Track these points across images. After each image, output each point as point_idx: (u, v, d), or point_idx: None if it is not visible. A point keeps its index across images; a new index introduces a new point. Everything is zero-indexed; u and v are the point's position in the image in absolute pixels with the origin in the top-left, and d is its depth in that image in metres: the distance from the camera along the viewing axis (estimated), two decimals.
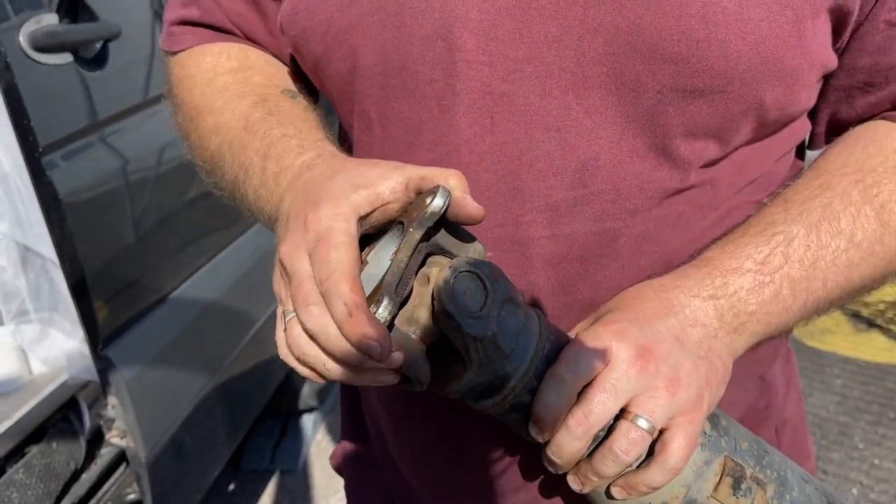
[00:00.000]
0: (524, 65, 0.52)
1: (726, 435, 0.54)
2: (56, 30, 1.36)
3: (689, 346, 0.51)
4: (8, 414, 1.30)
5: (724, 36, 0.50)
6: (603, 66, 0.52)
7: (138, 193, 1.55)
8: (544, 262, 0.56)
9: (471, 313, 0.46)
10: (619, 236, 0.55)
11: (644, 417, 0.48)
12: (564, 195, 0.54)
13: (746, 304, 0.53)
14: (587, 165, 0.54)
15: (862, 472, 2.17)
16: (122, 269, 1.49)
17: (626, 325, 0.50)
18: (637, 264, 0.56)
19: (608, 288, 0.56)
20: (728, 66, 0.51)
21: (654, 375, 0.49)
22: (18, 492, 1.27)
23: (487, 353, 0.47)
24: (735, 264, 0.53)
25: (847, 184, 0.57)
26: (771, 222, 0.55)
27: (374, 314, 0.43)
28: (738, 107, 0.53)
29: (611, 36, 0.51)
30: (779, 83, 0.53)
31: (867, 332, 2.82)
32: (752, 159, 0.58)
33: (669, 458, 0.49)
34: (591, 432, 0.49)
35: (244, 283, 1.89)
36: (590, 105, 0.53)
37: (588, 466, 0.50)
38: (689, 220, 0.57)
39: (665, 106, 0.52)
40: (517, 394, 0.49)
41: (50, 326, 1.41)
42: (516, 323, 0.49)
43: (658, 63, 0.51)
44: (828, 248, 0.54)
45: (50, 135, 1.32)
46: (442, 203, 0.46)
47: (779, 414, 0.70)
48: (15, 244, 1.34)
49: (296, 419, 2.54)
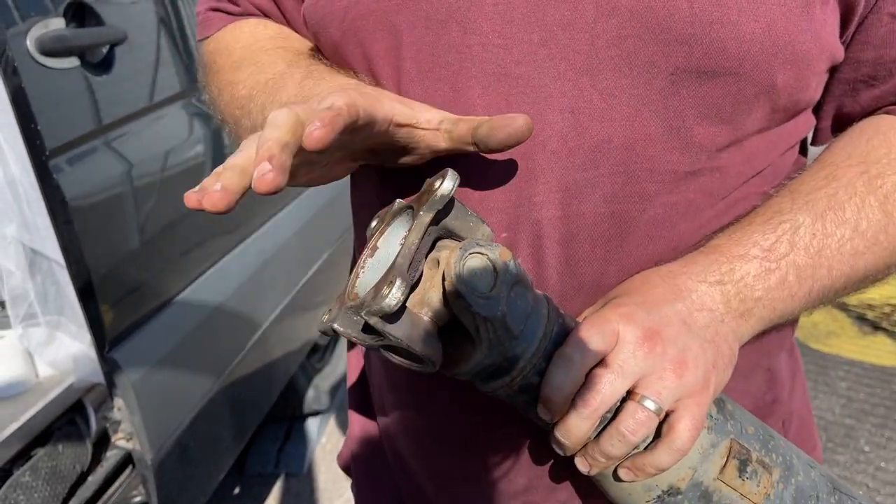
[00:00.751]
0: (539, 48, 0.53)
1: (732, 419, 0.54)
2: (63, 34, 1.37)
3: (696, 329, 0.52)
4: (14, 416, 1.31)
5: (737, 17, 0.51)
6: (616, 49, 0.52)
7: (144, 197, 1.56)
8: (555, 242, 0.56)
9: (481, 294, 0.47)
10: (629, 220, 0.56)
11: (651, 398, 0.49)
12: (577, 176, 0.55)
13: (753, 290, 0.54)
14: (600, 147, 0.54)
15: (868, 475, 2.17)
16: (128, 272, 1.50)
17: (634, 308, 0.51)
18: (646, 249, 0.57)
19: (616, 271, 0.57)
20: (740, 47, 0.51)
21: (661, 357, 0.50)
22: (25, 494, 1.28)
23: (497, 334, 0.48)
24: (742, 251, 0.54)
25: (852, 175, 0.57)
26: (777, 211, 0.56)
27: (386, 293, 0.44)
28: (750, 89, 0.54)
29: (625, 18, 0.52)
30: (790, 66, 0.53)
31: (872, 334, 2.82)
32: (760, 150, 0.59)
33: (676, 439, 0.49)
34: (598, 413, 0.49)
35: (249, 286, 1.89)
36: (603, 87, 0.53)
37: (595, 447, 0.51)
38: (698, 208, 0.57)
39: (678, 88, 0.53)
40: (526, 375, 0.50)
41: (57, 330, 1.42)
42: (525, 305, 0.49)
43: (671, 45, 0.52)
44: (833, 236, 0.55)
45: (57, 138, 1.33)
46: (451, 186, 0.46)
47: (785, 408, 0.71)
48: (23, 248, 1.35)
49: (300, 423, 2.54)
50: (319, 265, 2.31)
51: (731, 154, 0.57)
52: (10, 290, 1.37)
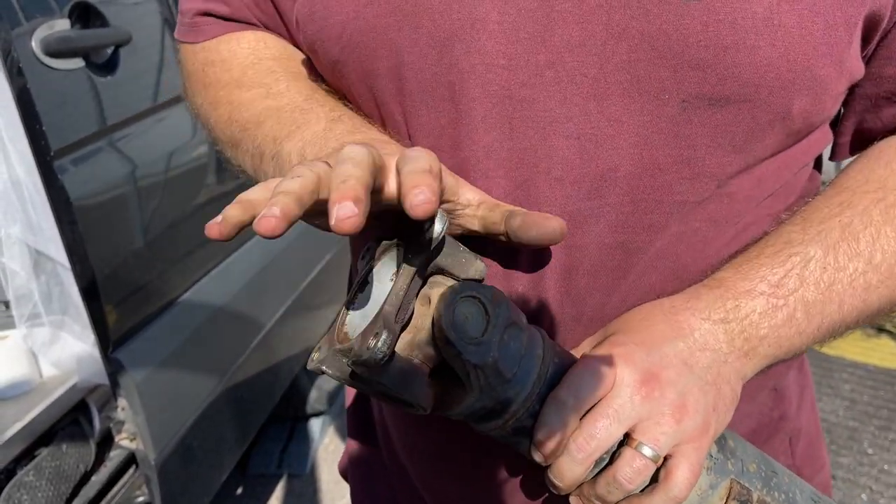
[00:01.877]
0: (545, 69, 0.51)
1: (733, 457, 0.53)
2: (68, 35, 1.37)
3: (698, 370, 0.50)
4: (18, 416, 1.31)
5: (754, 42, 0.48)
6: (626, 73, 0.50)
7: (148, 197, 1.56)
8: (555, 272, 0.54)
9: (471, 339, 0.45)
10: (632, 251, 0.54)
11: (648, 445, 0.48)
12: (581, 205, 0.53)
13: (758, 328, 0.51)
14: (606, 175, 0.52)
15: (871, 478, 2.16)
16: (132, 272, 1.50)
17: (633, 348, 0.49)
18: (648, 280, 0.55)
19: (617, 303, 0.55)
20: (756, 73, 0.49)
21: (659, 401, 0.48)
22: (28, 494, 1.28)
23: (488, 380, 0.46)
24: (748, 286, 0.52)
25: (868, 202, 0.55)
26: (788, 242, 0.54)
27: (372, 346, 0.42)
28: (764, 116, 0.51)
29: (636, 42, 0.49)
30: (807, 92, 0.51)
31: (877, 337, 2.81)
32: (771, 173, 0.56)
33: (673, 487, 0.48)
34: (592, 458, 0.48)
35: (253, 287, 1.90)
36: (611, 113, 0.51)
37: (591, 491, 0.49)
38: (705, 238, 0.55)
39: (689, 115, 0.51)
40: (519, 417, 0.48)
41: (61, 330, 1.42)
42: (519, 347, 0.47)
43: (684, 70, 0.49)
44: (845, 270, 0.53)
45: (61, 139, 1.33)
46: (441, 229, 0.44)
47: (792, 424, 0.69)
48: (27, 248, 1.35)
49: (303, 423, 2.54)
50: (322, 266, 2.31)
51: (740, 180, 0.55)
52: (15, 289, 1.38)
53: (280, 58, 0.66)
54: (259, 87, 0.63)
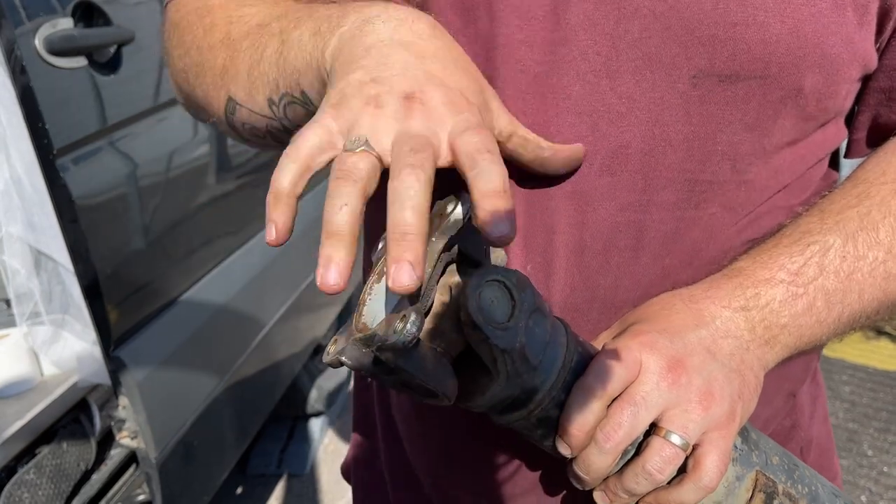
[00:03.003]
0: (559, 46, 0.51)
1: (757, 449, 0.52)
2: (71, 34, 1.37)
3: (721, 358, 0.49)
4: (19, 415, 1.31)
5: (763, 18, 0.49)
6: (638, 51, 0.50)
7: (150, 196, 1.57)
8: (568, 250, 0.54)
9: (498, 324, 0.44)
10: (645, 230, 0.54)
11: (677, 433, 0.47)
12: (592, 182, 0.53)
13: (779, 317, 0.51)
14: (617, 153, 0.52)
15: (871, 480, 2.16)
16: (133, 271, 1.50)
17: (656, 336, 0.49)
18: (661, 262, 0.55)
19: (630, 284, 0.55)
20: (766, 49, 0.49)
21: (686, 388, 0.47)
22: (29, 492, 1.28)
23: (515, 366, 0.45)
24: (768, 275, 0.52)
25: (886, 193, 0.55)
26: (806, 231, 0.53)
27: (400, 329, 0.41)
28: (776, 93, 0.51)
29: (647, 20, 0.50)
30: (819, 70, 0.51)
31: (877, 339, 2.81)
32: (787, 163, 0.56)
33: (703, 477, 0.47)
34: (620, 447, 0.47)
35: (254, 286, 1.90)
36: (623, 90, 0.51)
37: (618, 483, 0.48)
38: (719, 223, 0.55)
39: (701, 92, 0.51)
40: (544, 407, 0.47)
41: (61, 328, 1.42)
42: (543, 334, 0.47)
43: (695, 46, 0.50)
44: (865, 259, 0.52)
45: (64, 137, 1.33)
46: (464, 212, 0.44)
47: (804, 433, 0.68)
48: (28, 247, 1.35)
49: (303, 423, 2.55)
50: None
51: (757, 168, 0.55)
52: (16, 288, 1.38)
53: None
54: (246, 7, 0.59)
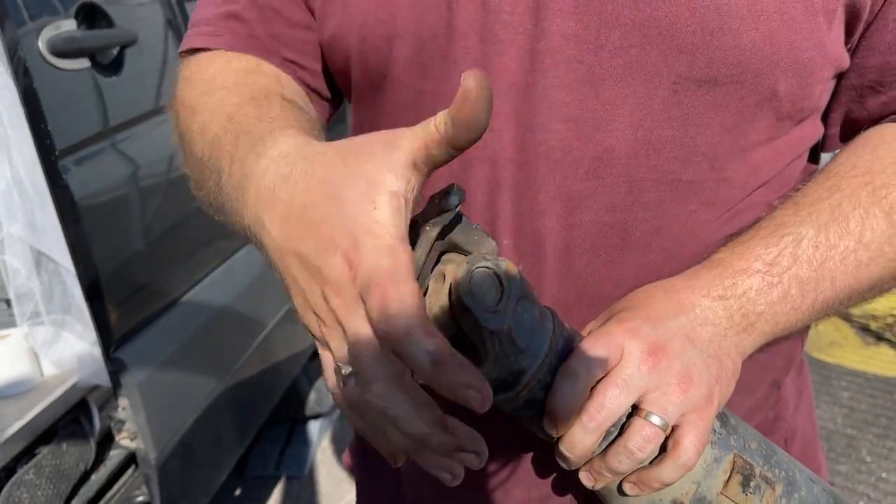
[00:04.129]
0: (544, 57, 0.54)
1: (735, 433, 0.54)
2: (74, 35, 1.38)
3: (700, 344, 0.52)
4: (19, 415, 1.31)
5: (738, 26, 0.52)
6: (620, 59, 0.53)
7: (151, 198, 1.57)
8: (556, 251, 0.57)
9: (488, 307, 0.47)
10: (630, 229, 0.57)
11: (657, 414, 0.49)
12: (579, 186, 0.55)
13: (755, 305, 0.54)
14: (602, 156, 0.55)
15: (869, 485, 2.17)
16: (134, 272, 1.51)
17: (639, 322, 0.51)
18: (646, 258, 0.57)
19: (617, 280, 0.57)
20: (742, 55, 0.52)
21: (666, 372, 0.50)
22: (28, 492, 1.28)
23: (503, 348, 0.48)
24: (744, 265, 0.54)
25: (856, 186, 0.57)
26: (780, 224, 0.56)
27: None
28: (752, 97, 0.54)
29: (628, 29, 0.53)
30: (792, 74, 0.54)
31: (875, 345, 2.82)
32: (766, 160, 0.59)
33: (682, 455, 0.49)
34: (603, 427, 0.49)
35: (254, 288, 1.90)
36: (607, 97, 0.54)
37: (601, 463, 0.51)
38: (700, 219, 0.58)
39: (681, 97, 0.54)
40: (531, 389, 0.50)
41: (62, 329, 1.42)
42: (531, 319, 0.49)
43: (673, 54, 0.53)
44: (836, 248, 0.55)
45: (66, 139, 1.34)
46: (457, 202, 0.46)
47: (788, 425, 0.70)
48: (29, 247, 1.36)
49: (302, 426, 2.55)
50: None
51: (736, 165, 0.57)
52: (16, 288, 1.38)
53: (245, 71, 0.63)
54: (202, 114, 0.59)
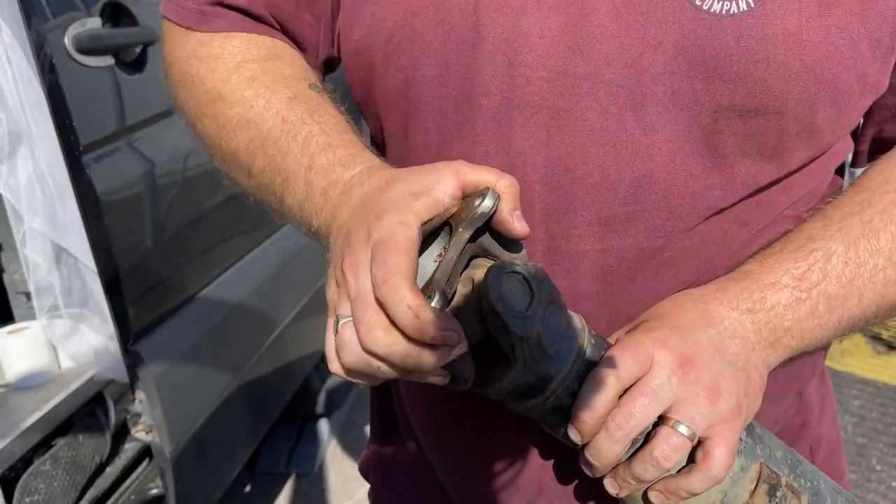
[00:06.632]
0: (583, 80, 0.53)
1: (761, 443, 0.54)
2: (99, 33, 1.40)
3: (728, 356, 0.52)
4: (37, 406, 1.33)
5: (783, 57, 0.51)
6: (662, 85, 0.52)
7: (170, 195, 1.59)
8: (592, 276, 0.56)
9: (517, 313, 0.47)
10: (665, 251, 0.56)
11: (685, 424, 0.49)
12: (617, 210, 0.55)
13: (783, 320, 0.53)
14: (641, 182, 0.54)
15: (879, 494, 2.16)
16: (153, 267, 1.52)
17: (668, 333, 0.51)
18: (681, 278, 0.57)
19: (650, 300, 0.57)
20: (785, 87, 0.52)
21: (695, 383, 0.50)
22: (45, 483, 1.30)
23: (532, 353, 0.48)
24: (773, 279, 0.54)
25: (888, 201, 0.57)
26: (810, 238, 0.56)
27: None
28: (792, 127, 0.54)
29: (671, 55, 0.52)
30: (832, 104, 0.53)
31: (887, 354, 2.80)
32: (799, 182, 0.59)
33: (713, 467, 0.49)
34: (630, 436, 0.49)
35: (269, 285, 1.91)
36: (647, 122, 0.53)
37: (627, 470, 0.51)
38: (733, 236, 0.58)
39: (721, 125, 0.53)
40: (558, 395, 0.50)
41: (80, 322, 1.44)
42: (559, 325, 0.49)
43: (716, 83, 0.52)
44: (866, 265, 0.55)
45: (90, 134, 1.36)
46: (491, 205, 0.47)
47: (814, 432, 0.70)
48: (49, 241, 1.37)
49: (312, 423, 2.56)
50: None
51: (772, 190, 0.57)
52: (36, 281, 1.40)
53: (266, 59, 0.65)
54: (239, 106, 0.62)
